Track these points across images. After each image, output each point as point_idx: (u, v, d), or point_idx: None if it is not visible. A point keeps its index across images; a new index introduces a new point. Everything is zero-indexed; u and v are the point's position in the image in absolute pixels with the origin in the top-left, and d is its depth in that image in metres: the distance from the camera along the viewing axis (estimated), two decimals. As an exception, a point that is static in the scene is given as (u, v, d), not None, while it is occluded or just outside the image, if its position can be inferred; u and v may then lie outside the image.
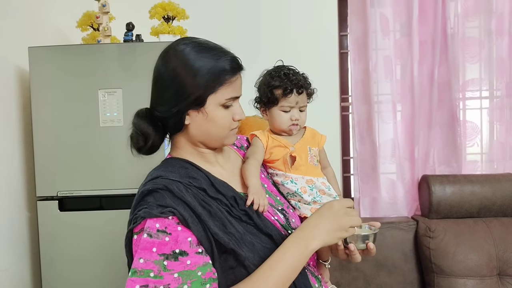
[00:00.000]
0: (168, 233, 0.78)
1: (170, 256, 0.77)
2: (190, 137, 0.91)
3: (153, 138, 0.89)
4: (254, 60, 0.98)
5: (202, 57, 0.86)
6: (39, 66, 1.62)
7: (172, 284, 0.75)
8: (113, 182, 1.64)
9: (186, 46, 0.87)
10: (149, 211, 0.79)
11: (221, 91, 0.86)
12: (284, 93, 1.02)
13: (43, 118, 1.63)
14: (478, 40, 2.12)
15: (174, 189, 0.83)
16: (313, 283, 0.93)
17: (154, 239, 0.77)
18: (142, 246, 0.77)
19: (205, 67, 0.85)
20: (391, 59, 2.10)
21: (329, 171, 1.13)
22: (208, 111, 0.87)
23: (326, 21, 2.22)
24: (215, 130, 0.89)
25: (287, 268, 0.81)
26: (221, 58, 0.86)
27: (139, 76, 1.62)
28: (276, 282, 0.79)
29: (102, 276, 1.66)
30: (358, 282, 1.87)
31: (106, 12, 1.77)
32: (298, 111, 1.05)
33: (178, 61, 0.86)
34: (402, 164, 2.12)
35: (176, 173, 0.87)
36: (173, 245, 0.78)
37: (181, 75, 0.85)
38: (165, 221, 0.79)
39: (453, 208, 1.93)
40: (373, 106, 2.10)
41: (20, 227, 1.68)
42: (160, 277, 0.75)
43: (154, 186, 0.83)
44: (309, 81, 1.07)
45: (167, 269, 0.76)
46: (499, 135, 2.13)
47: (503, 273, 1.81)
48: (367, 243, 0.91)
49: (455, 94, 2.08)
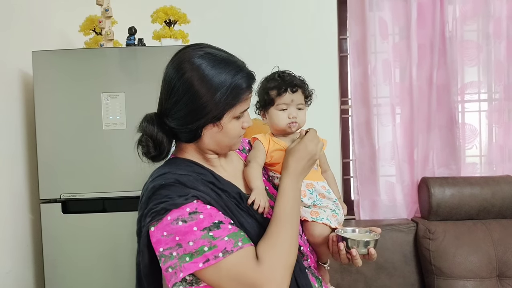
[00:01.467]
0: (200, 212, 0.81)
1: (212, 227, 0.81)
2: (201, 145, 0.93)
3: (167, 147, 0.91)
4: (254, 64, 1.00)
5: (219, 73, 0.85)
6: (42, 70, 1.64)
7: (227, 246, 0.80)
8: (116, 184, 1.66)
9: (203, 60, 0.86)
10: (173, 202, 0.81)
11: (237, 106, 0.88)
12: (279, 92, 1.03)
13: (46, 121, 1.65)
14: (476, 43, 2.14)
15: (186, 181, 0.85)
16: (313, 283, 0.96)
17: (190, 222, 0.80)
18: (182, 232, 0.80)
19: (224, 85, 0.85)
20: (390, 62, 2.12)
21: (329, 174, 1.14)
22: (223, 124, 0.88)
23: (326, 25, 2.24)
24: (227, 140, 0.92)
25: (296, 216, 0.92)
26: (238, 74, 0.87)
27: (141, 79, 1.64)
28: (294, 224, 0.89)
29: (106, 278, 1.67)
30: (358, 285, 1.88)
31: (109, 17, 1.79)
32: (296, 109, 1.05)
33: (194, 76, 0.85)
34: (402, 167, 2.14)
35: (183, 169, 0.89)
36: (210, 219, 0.81)
37: (199, 94, 0.84)
38: (193, 205, 0.82)
39: (452, 210, 1.95)
40: (372, 109, 2.12)
41: (23, 229, 1.69)
42: (214, 247, 0.79)
43: (166, 181, 0.85)
44: (305, 82, 1.09)
45: (216, 237, 0.80)
46: (497, 137, 2.14)
47: (502, 275, 1.82)
48: (369, 249, 0.93)
49: (454, 97, 2.10)
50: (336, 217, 1.04)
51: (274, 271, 0.80)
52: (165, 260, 0.81)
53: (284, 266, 0.82)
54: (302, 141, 0.96)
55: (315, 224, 1.01)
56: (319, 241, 1.01)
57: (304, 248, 0.99)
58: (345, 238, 0.94)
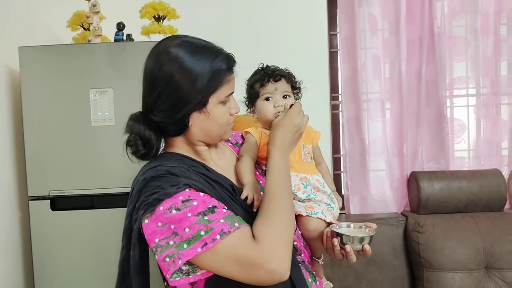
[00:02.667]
0: (193, 200, 0.81)
1: (207, 211, 0.80)
2: (190, 136, 0.92)
3: (156, 144, 0.90)
4: (244, 59, 1.00)
5: (198, 59, 0.86)
6: (29, 66, 1.62)
7: (224, 228, 0.79)
8: (104, 181, 1.65)
9: (179, 49, 0.86)
10: (165, 192, 0.81)
11: (221, 90, 0.88)
12: (262, 83, 1.04)
13: (34, 118, 1.63)
14: (464, 39, 2.16)
15: (177, 172, 0.85)
16: (306, 278, 0.96)
17: (183, 210, 0.79)
18: (176, 220, 0.79)
19: (204, 70, 0.85)
20: (380, 58, 2.14)
21: (323, 167, 1.14)
22: (210, 110, 0.88)
23: (316, 21, 2.24)
24: (216, 128, 0.91)
25: (289, 191, 0.91)
26: (217, 57, 0.87)
27: (130, 75, 1.63)
28: (288, 199, 0.88)
29: (95, 274, 1.67)
30: (349, 278, 1.90)
31: (97, 12, 1.77)
32: (281, 97, 1.05)
33: (174, 66, 0.85)
34: (391, 161, 2.16)
35: (174, 162, 0.89)
36: (204, 205, 0.81)
37: (180, 82, 0.85)
38: (185, 193, 0.81)
39: (441, 203, 1.97)
40: (362, 105, 2.13)
41: (12, 226, 1.68)
42: (211, 230, 0.78)
43: (157, 172, 0.85)
44: (290, 72, 1.09)
45: (211, 221, 0.79)
46: (485, 132, 2.17)
47: (490, 266, 1.85)
48: (363, 245, 0.92)
49: (442, 92, 2.12)
50: (331, 211, 1.03)
51: (275, 248, 0.79)
52: (161, 250, 0.80)
53: (284, 242, 0.81)
54: (288, 114, 0.95)
55: (310, 218, 1.00)
56: (314, 236, 1.01)
57: (297, 243, 0.98)
58: (340, 234, 0.93)
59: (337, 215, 1.07)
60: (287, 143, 0.93)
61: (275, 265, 0.77)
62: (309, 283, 0.96)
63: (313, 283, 0.98)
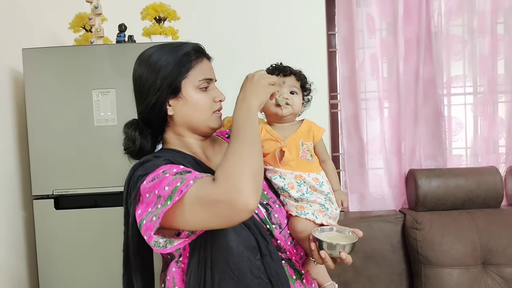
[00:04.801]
0: (173, 168, 0.85)
1: (183, 172, 0.84)
2: (176, 127, 0.99)
3: (140, 141, 0.97)
4: (243, 61, 1.03)
5: (165, 52, 0.95)
6: (33, 67, 1.65)
7: (197, 175, 0.82)
8: (107, 180, 1.67)
9: (151, 49, 0.98)
10: (148, 167, 0.87)
11: (192, 74, 0.95)
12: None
13: (38, 118, 1.66)
14: (461, 38, 2.18)
15: (162, 155, 0.92)
16: (290, 274, 0.97)
17: (163, 176, 0.83)
18: (158, 184, 0.83)
19: (169, 59, 0.94)
20: (378, 57, 2.16)
21: (328, 164, 1.12)
22: (186, 95, 0.95)
23: (315, 21, 2.27)
24: (197, 114, 0.97)
25: (249, 129, 0.86)
26: (182, 47, 0.96)
27: (131, 76, 1.65)
28: (250, 145, 0.84)
29: (99, 272, 1.69)
30: (347, 274, 1.92)
31: (99, 14, 1.80)
32: (288, 91, 1.06)
33: (144, 63, 0.96)
34: (389, 160, 2.18)
35: (161, 153, 0.96)
36: (181, 169, 0.85)
37: (148, 75, 0.94)
38: (166, 166, 0.87)
39: (439, 200, 2.00)
40: (360, 104, 2.15)
41: (16, 225, 1.70)
42: (185, 179, 0.81)
43: (144, 160, 0.92)
44: (303, 73, 1.12)
45: (186, 173, 0.83)
46: (482, 129, 2.19)
47: (487, 262, 1.88)
48: (340, 252, 0.89)
49: (440, 91, 2.14)
50: (325, 212, 1.02)
51: (232, 180, 0.76)
52: (150, 215, 0.82)
53: (242, 173, 0.77)
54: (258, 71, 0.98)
55: (298, 219, 1.00)
56: (301, 236, 0.99)
57: (281, 242, 0.98)
58: (318, 239, 0.90)
59: (336, 215, 1.05)
60: (254, 89, 0.91)
61: (233, 195, 0.75)
62: (292, 280, 0.97)
63: (297, 280, 0.99)
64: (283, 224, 1.01)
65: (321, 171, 1.06)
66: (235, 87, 0.99)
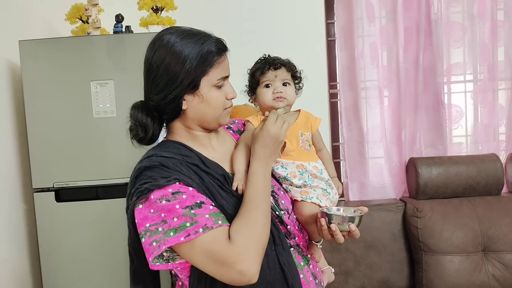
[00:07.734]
0: (182, 193, 0.85)
1: (194, 206, 0.84)
2: (187, 121, 0.96)
3: (152, 128, 0.95)
4: (242, 50, 1.02)
5: (188, 43, 0.91)
6: (30, 59, 1.64)
7: (208, 223, 0.83)
8: (108, 172, 1.67)
9: (171, 35, 0.92)
10: (155, 183, 0.85)
11: (212, 72, 0.92)
12: (262, 71, 1.07)
13: (36, 111, 1.65)
14: (461, 24, 2.17)
15: (170, 164, 0.89)
16: (298, 261, 0.98)
17: (173, 201, 0.84)
18: (166, 210, 0.83)
19: (193, 53, 0.90)
20: (377, 45, 2.14)
21: (324, 153, 1.14)
22: (203, 93, 0.92)
23: (313, 10, 2.25)
24: (210, 111, 0.95)
25: (265, 197, 0.93)
26: (206, 41, 0.92)
27: (130, 67, 1.64)
28: (265, 206, 0.91)
29: (100, 264, 1.70)
30: (348, 263, 1.93)
31: (95, 4, 1.78)
32: (280, 84, 1.07)
33: (165, 50, 0.91)
34: (390, 148, 2.18)
35: (169, 152, 0.93)
36: (192, 199, 0.85)
37: (171, 64, 0.90)
38: (175, 186, 0.86)
39: (439, 188, 2.00)
40: (360, 92, 2.15)
41: (17, 218, 1.70)
42: (195, 223, 0.82)
43: (150, 163, 0.89)
44: (291, 62, 1.11)
45: (197, 215, 0.83)
46: (482, 117, 2.19)
47: (487, 249, 1.89)
48: (349, 225, 0.93)
49: (440, 78, 2.13)
50: (328, 196, 1.05)
51: (246, 250, 0.83)
52: (150, 234, 0.84)
53: (256, 247, 0.84)
54: (264, 126, 0.96)
55: (304, 203, 1.02)
56: (308, 220, 1.02)
57: (291, 227, 1.00)
58: (327, 214, 0.95)
59: (336, 200, 1.08)
60: (267, 154, 0.95)
61: (245, 267, 0.81)
62: (301, 266, 0.98)
63: (305, 266, 1.01)
64: (290, 210, 1.03)
65: (318, 159, 1.09)
66: (233, 77, 0.98)
